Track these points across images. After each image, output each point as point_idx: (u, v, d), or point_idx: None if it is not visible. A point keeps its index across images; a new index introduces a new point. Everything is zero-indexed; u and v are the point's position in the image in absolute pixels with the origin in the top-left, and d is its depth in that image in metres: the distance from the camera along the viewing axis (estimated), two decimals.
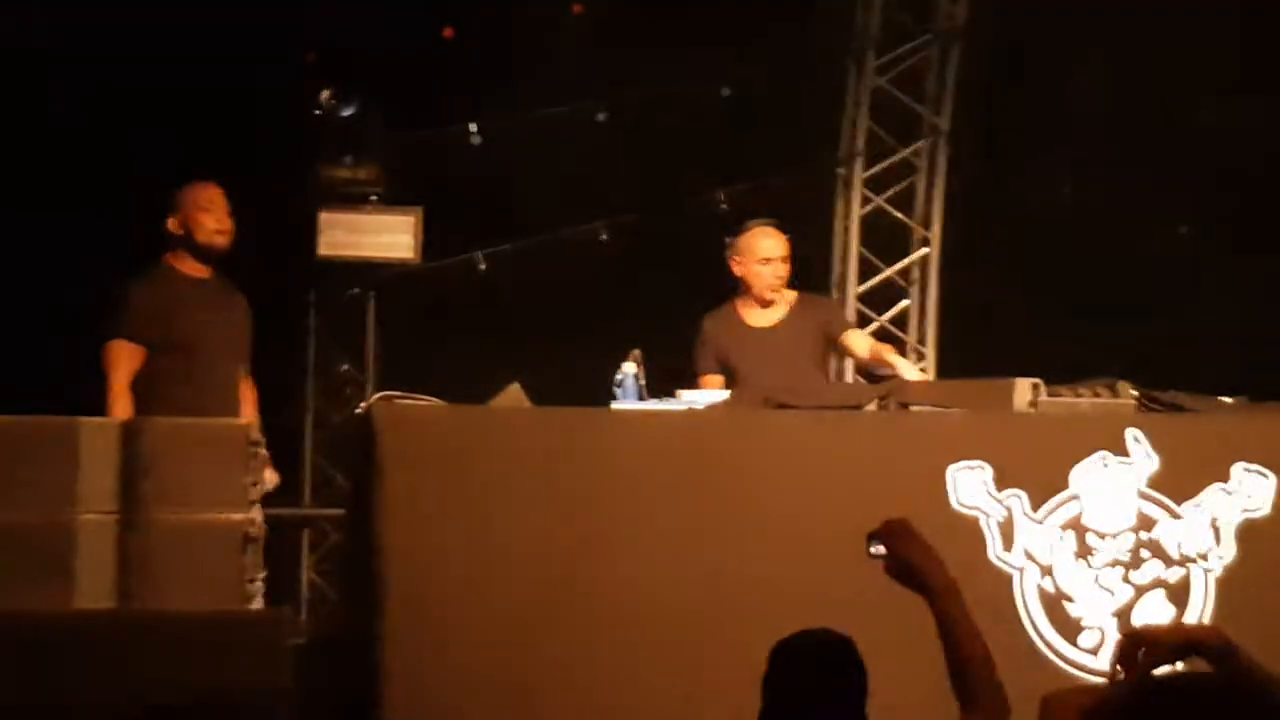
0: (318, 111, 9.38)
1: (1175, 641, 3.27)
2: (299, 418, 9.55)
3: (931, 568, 3.58)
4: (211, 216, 6.93)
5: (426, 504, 5.82)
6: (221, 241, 6.95)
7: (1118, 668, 3.06)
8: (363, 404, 6.15)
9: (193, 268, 6.96)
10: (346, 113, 9.37)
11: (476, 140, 9.55)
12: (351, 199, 9.47)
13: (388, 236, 9.44)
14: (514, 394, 6.35)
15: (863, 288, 10.26)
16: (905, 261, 10.36)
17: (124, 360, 6.79)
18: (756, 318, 7.18)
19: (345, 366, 9.58)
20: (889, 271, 10.25)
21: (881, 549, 3.66)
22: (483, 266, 9.60)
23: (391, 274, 9.57)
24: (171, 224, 6.94)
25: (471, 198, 9.60)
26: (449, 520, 5.85)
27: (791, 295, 7.30)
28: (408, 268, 9.52)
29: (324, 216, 9.37)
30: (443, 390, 6.50)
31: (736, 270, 7.22)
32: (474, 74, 9.42)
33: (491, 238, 9.63)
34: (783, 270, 7.15)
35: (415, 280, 9.54)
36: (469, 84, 9.48)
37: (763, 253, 7.18)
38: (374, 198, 9.51)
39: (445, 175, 9.55)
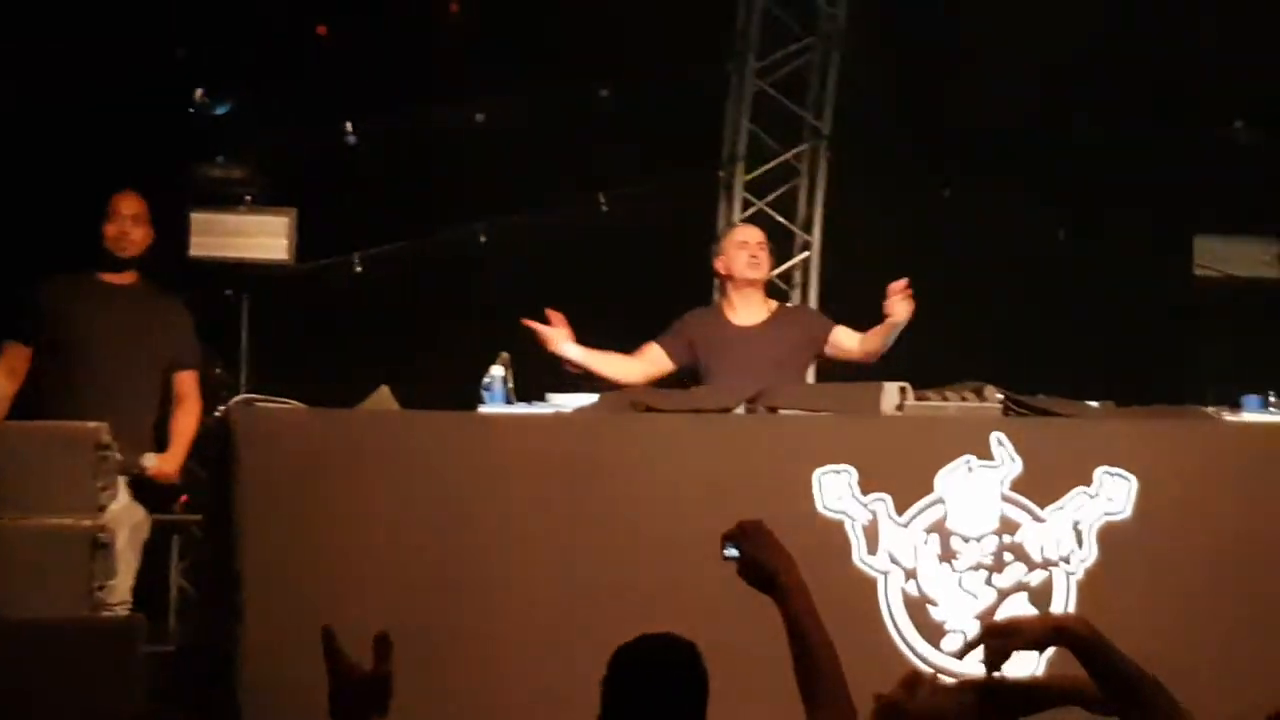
0: (190, 110, 9.26)
1: (1042, 630, 3.29)
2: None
3: (782, 569, 3.57)
4: (112, 224, 7.00)
5: (287, 509, 5.77)
6: (118, 249, 7.00)
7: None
8: (220, 409, 6.06)
9: (109, 274, 7.03)
10: (220, 111, 9.26)
11: (351, 140, 9.47)
12: (225, 199, 9.36)
13: (261, 238, 9.33)
14: (383, 397, 6.30)
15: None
16: (787, 265, 10.37)
17: (3, 361, 6.84)
18: (739, 317, 7.16)
19: (218, 369, 9.45)
20: (770, 274, 10.23)
21: (735, 551, 3.65)
22: (359, 268, 9.51)
23: (265, 276, 9.47)
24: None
25: (347, 199, 9.51)
26: (311, 525, 5.79)
27: (774, 304, 7.33)
28: (282, 269, 9.42)
29: (196, 217, 9.25)
30: (317, 393, 6.44)
31: (720, 266, 7.25)
32: (349, 73, 9.33)
33: (368, 239, 9.54)
34: (760, 254, 7.16)
35: (290, 282, 9.44)
36: (344, 83, 9.39)
37: (739, 237, 7.29)
38: (248, 198, 9.40)
39: (320, 176, 9.46)
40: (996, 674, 3.30)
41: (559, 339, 6.92)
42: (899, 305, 6.88)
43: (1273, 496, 6.09)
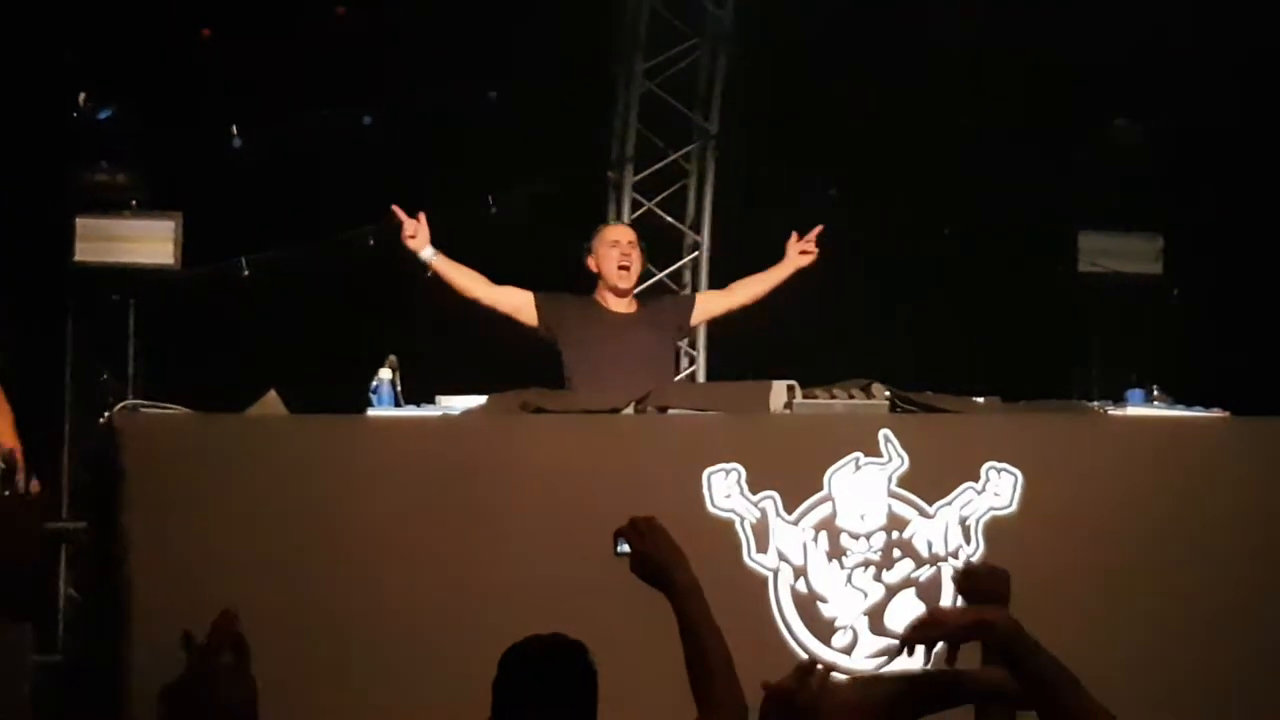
0: (74, 115, 9.17)
1: (965, 623, 3.33)
2: (57, 429, 9.33)
3: (675, 566, 3.58)
4: None
5: (173, 516, 5.72)
6: None
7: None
8: (105, 415, 6.01)
9: None
10: (103, 116, 9.17)
11: (237, 144, 9.40)
12: (109, 205, 9.28)
13: (147, 243, 9.27)
14: (270, 401, 6.26)
15: (634, 292, 10.25)
16: (676, 265, 10.39)
17: None
18: (612, 304, 7.16)
19: (105, 376, 9.37)
20: (660, 275, 10.26)
21: (627, 547, 3.65)
22: (246, 273, 9.44)
23: (152, 281, 9.39)
24: None
25: (234, 203, 9.44)
26: (198, 532, 5.75)
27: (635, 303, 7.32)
28: (168, 274, 9.35)
29: (80, 222, 9.17)
30: (206, 398, 6.39)
31: (592, 265, 7.23)
32: (234, 76, 9.26)
33: (255, 243, 9.47)
34: (631, 253, 7.14)
35: (177, 287, 9.36)
36: (229, 86, 9.32)
37: (611, 236, 7.25)
38: (133, 203, 9.33)
39: (206, 180, 9.39)
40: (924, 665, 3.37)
41: (422, 239, 6.94)
42: (805, 252, 7.08)
43: (1156, 489, 6.18)
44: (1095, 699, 3.37)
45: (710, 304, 7.41)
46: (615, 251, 7.15)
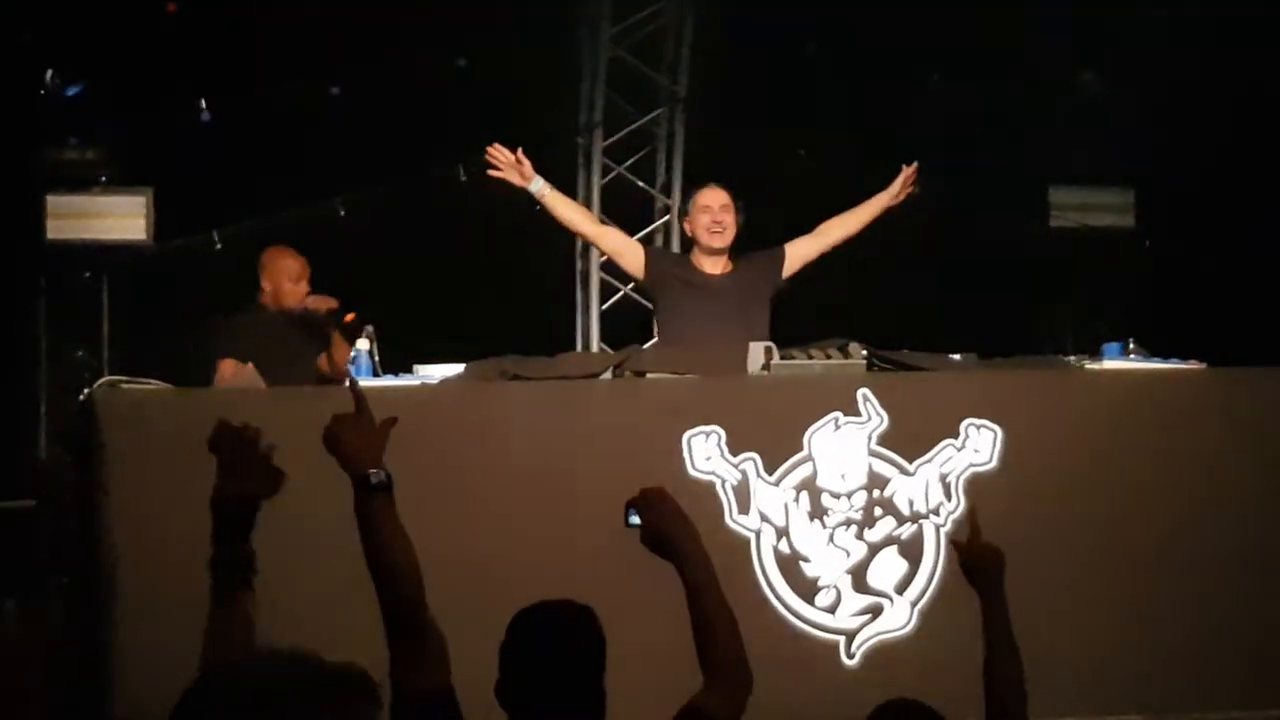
0: (41, 92, 9.12)
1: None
2: (33, 406, 9.31)
3: (686, 537, 3.58)
4: None
5: (155, 492, 5.70)
6: None
7: None
8: (85, 390, 5.98)
9: None
10: (71, 93, 9.13)
11: (207, 117, 9.36)
12: (80, 182, 9.24)
13: (119, 219, 9.24)
14: (248, 374, 6.25)
15: (605, 257, 10.25)
16: (647, 229, 10.38)
17: None
18: (706, 265, 7.13)
19: (80, 352, 9.35)
20: (634, 239, 10.25)
21: (638, 519, 3.65)
22: (219, 246, 9.42)
23: (124, 256, 9.36)
24: None
25: (204, 176, 9.41)
26: (179, 508, 5.71)
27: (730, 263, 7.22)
28: (141, 249, 9.32)
29: (52, 200, 9.14)
30: (182, 373, 6.38)
31: (688, 229, 7.22)
32: (201, 50, 9.22)
33: (227, 217, 9.44)
34: (723, 217, 7.08)
35: (149, 262, 9.34)
36: (196, 60, 9.28)
37: (702, 201, 7.15)
38: (103, 179, 9.29)
39: (176, 155, 9.35)
40: None
41: (529, 171, 6.97)
42: (904, 189, 7.23)
43: (1135, 442, 6.20)
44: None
45: (802, 249, 7.21)
46: (706, 217, 7.07)
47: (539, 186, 6.99)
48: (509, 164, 6.98)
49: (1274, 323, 6.86)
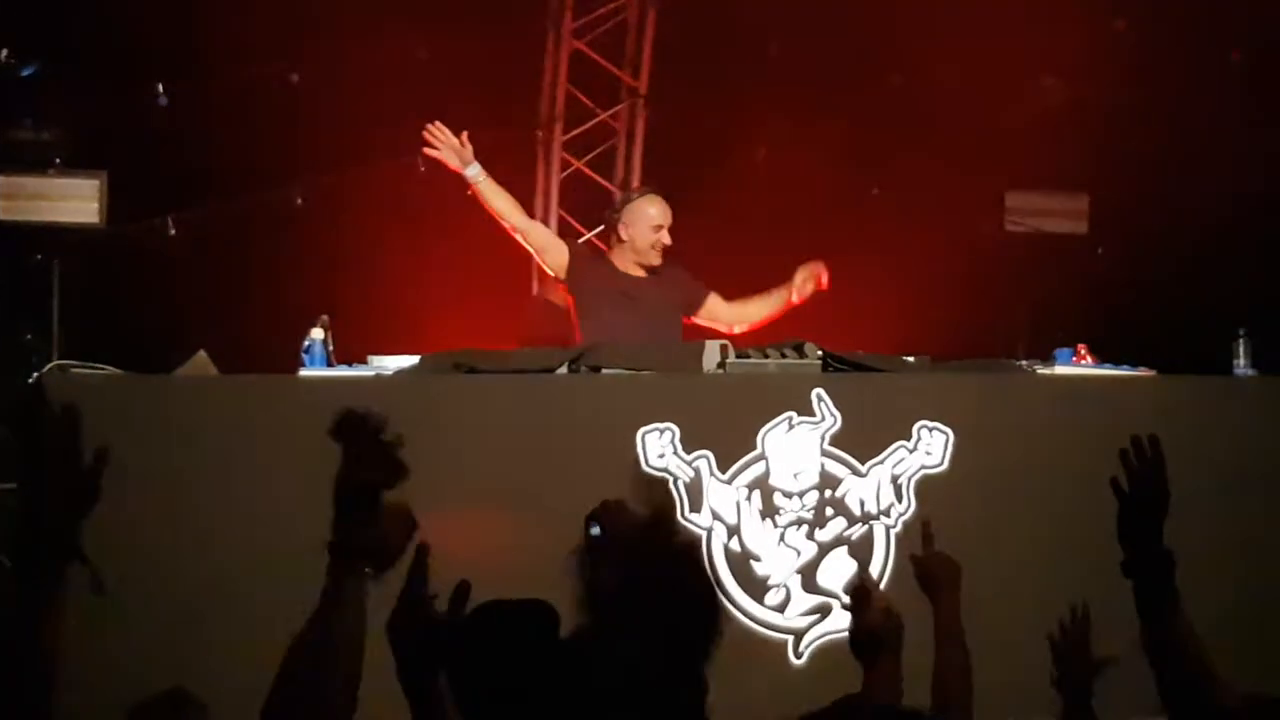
0: None
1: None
2: None
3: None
4: None
5: (104, 480, 5.65)
6: None
7: None
8: (34, 374, 5.94)
9: None
10: (26, 74, 9.06)
11: (164, 101, 9.31)
12: (32, 163, 9.18)
13: (71, 201, 9.18)
14: (200, 362, 6.21)
15: None
16: (601, 228, 10.37)
17: None
18: (632, 269, 7.10)
19: (29, 336, 9.28)
20: (589, 235, 10.25)
21: (598, 530, 3.64)
22: (173, 231, 9.37)
23: (76, 239, 9.30)
24: None
25: (159, 160, 9.36)
26: (128, 496, 5.69)
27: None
28: (93, 233, 9.26)
29: (3, 181, 9.07)
30: (133, 358, 6.34)
31: (623, 233, 7.12)
32: (160, 33, 9.17)
33: (182, 201, 9.40)
34: (668, 239, 7.07)
35: (102, 246, 9.28)
36: (155, 43, 9.22)
37: (653, 220, 7.07)
38: (57, 161, 9.23)
39: (132, 138, 9.30)
40: None
41: (467, 155, 6.92)
42: (808, 287, 7.02)
43: (1086, 448, 6.21)
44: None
45: (717, 310, 7.21)
46: (654, 235, 7.04)
47: (475, 172, 6.97)
48: (450, 145, 6.95)
49: (1222, 331, 6.90)
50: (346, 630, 3.13)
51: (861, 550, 6.03)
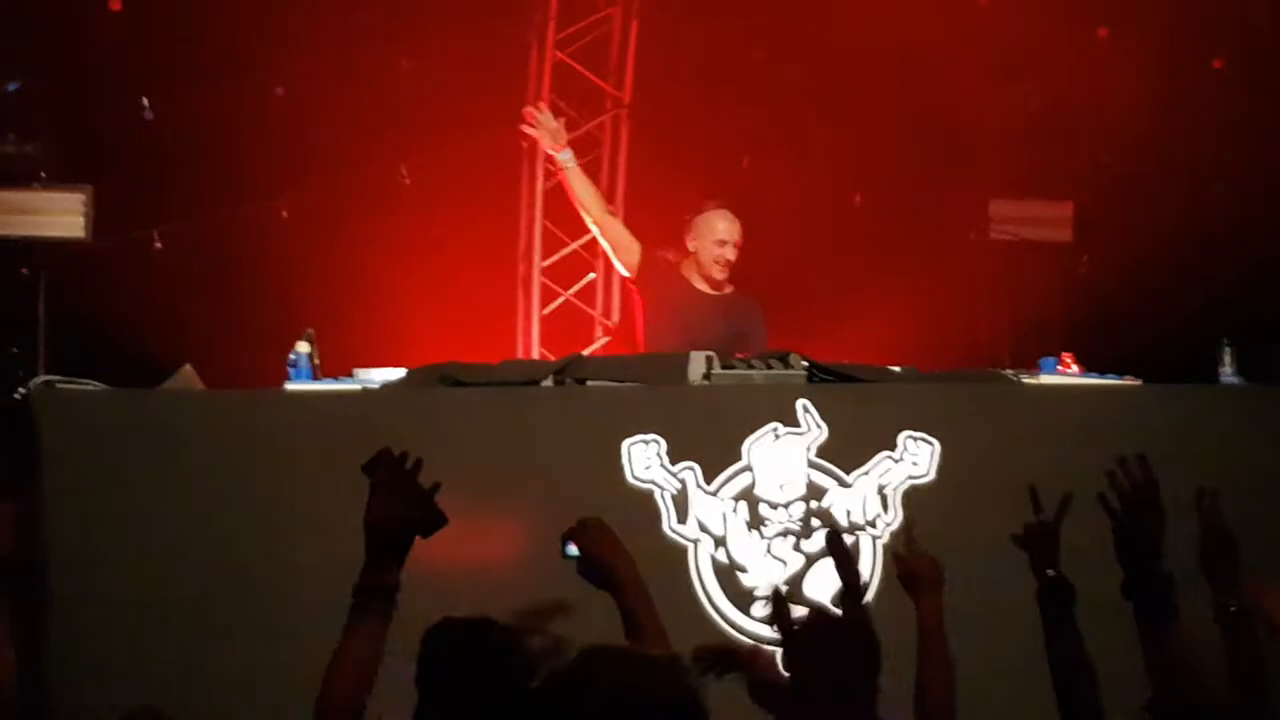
0: None
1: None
2: None
3: (621, 565, 3.61)
4: None
5: (92, 493, 5.68)
6: None
7: None
8: (21, 390, 5.95)
9: None
10: (11, 88, 9.06)
11: (149, 115, 9.31)
12: (18, 176, 9.17)
13: (57, 215, 9.17)
14: (186, 375, 6.22)
15: (548, 261, 10.26)
16: (590, 235, 10.37)
17: None
18: (699, 283, 7.14)
19: (15, 350, 9.27)
20: (574, 245, 10.26)
21: (575, 549, 3.66)
22: (158, 245, 9.37)
23: (62, 253, 9.29)
24: None
25: (145, 174, 9.36)
26: (117, 509, 5.71)
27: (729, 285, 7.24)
28: (79, 247, 9.25)
29: None
30: (120, 373, 6.34)
31: (690, 246, 7.18)
32: (145, 47, 9.17)
33: (167, 215, 9.40)
34: (732, 255, 7.11)
35: (88, 260, 9.27)
36: (140, 57, 9.22)
37: (718, 234, 7.14)
38: (42, 175, 9.22)
39: (118, 152, 9.30)
40: None
41: (562, 139, 7.01)
42: None
43: (1072, 457, 6.22)
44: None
45: None
46: (720, 250, 7.10)
47: (567, 157, 7.07)
48: (548, 128, 6.98)
49: (1208, 338, 6.92)
50: (363, 660, 3.14)
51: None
